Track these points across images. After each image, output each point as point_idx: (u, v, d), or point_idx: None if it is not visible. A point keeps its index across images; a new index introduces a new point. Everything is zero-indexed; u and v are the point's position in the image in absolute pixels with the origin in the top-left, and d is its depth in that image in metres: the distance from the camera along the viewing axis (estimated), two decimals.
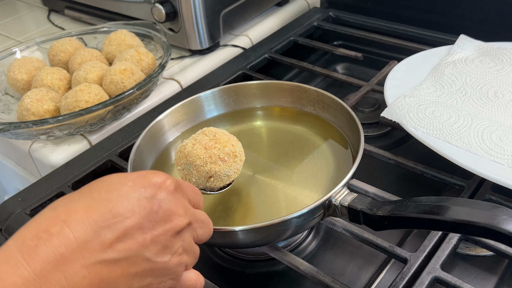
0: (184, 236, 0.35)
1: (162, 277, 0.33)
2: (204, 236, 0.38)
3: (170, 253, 0.33)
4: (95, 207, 0.31)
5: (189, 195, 0.37)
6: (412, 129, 0.59)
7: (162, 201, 0.33)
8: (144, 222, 0.32)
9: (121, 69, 0.74)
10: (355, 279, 0.53)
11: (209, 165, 0.47)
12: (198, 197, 0.39)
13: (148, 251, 0.32)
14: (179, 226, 0.34)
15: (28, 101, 0.71)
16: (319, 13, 0.99)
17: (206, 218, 0.39)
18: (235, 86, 0.66)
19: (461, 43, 0.75)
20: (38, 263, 0.28)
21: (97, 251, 0.30)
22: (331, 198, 0.46)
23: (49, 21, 1.14)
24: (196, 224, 0.37)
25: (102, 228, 0.30)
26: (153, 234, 0.32)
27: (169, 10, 0.86)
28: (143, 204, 0.32)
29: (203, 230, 0.38)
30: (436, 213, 0.40)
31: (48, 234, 0.29)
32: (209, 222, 0.39)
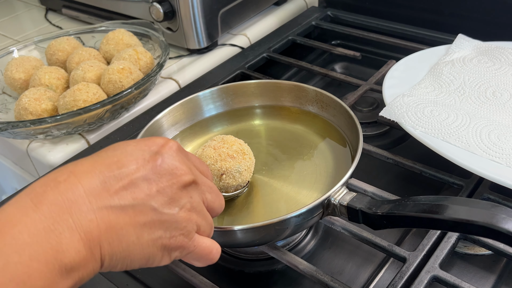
0: (191, 193, 0.35)
1: (172, 231, 0.34)
2: (215, 203, 0.39)
3: (178, 206, 0.34)
4: (101, 161, 0.33)
5: (195, 162, 0.38)
6: (411, 128, 0.59)
7: (166, 156, 0.34)
8: (149, 174, 0.33)
9: (119, 68, 0.74)
10: (354, 278, 0.53)
11: (219, 162, 0.50)
12: (204, 166, 0.40)
13: (154, 201, 0.33)
14: (184, 180, 0.35)
15: (25, 101, 0.71)
16: (317, 12, 0.99)
17: (215, 187, 0.39)
18: (233, 86, 0.66)
19: (459, 43, 0.76)
20: (46, 206, 0.29)
21: (103, 197, 0.31)
22: (330, 197, 0.46)
23: (47, 20, 1.14)
24: (204, 187, 0.37)
25: (108, 178, 0.32)
26: (159, 185, 0.33)
27: (167, 9, 0.85)
28: (147, 158, 0.34)
29: (213, 196, 0.38)
30: (435, 212, 0.40)
31: (56, 182, 0.31)
32: (219, 193, 0.40)
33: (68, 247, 0.29)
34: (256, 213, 0.51)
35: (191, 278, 0.49)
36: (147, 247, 0.33)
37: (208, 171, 0.41)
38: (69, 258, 0.29)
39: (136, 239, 0.32)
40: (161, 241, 0.33)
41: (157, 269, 0.55)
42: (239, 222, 0.50)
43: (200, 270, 0.51)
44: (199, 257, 0.37)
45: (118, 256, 0.32)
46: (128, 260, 0.32)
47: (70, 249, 0.29)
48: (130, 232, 0.32)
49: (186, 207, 0.35)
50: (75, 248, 0.29)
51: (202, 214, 0.37)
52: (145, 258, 0.33)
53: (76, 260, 0.29)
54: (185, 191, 0.35)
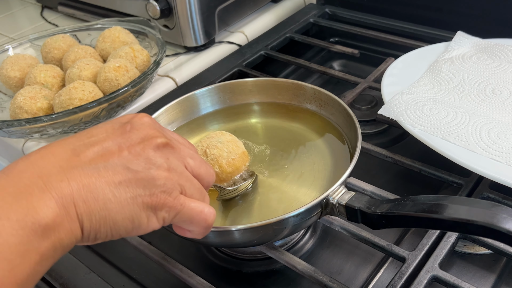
0: (167, 155, 0.35)
1: (151, 188, 0.33)
2: (201, 169, 0.38)
3: (153, 165, 0.34)
4: (72, 136, 0.35)
5: (170, 133, 0.38)
6: (410, 126, 0.59)
7: (135, 124, 0.35)
8: (119, 139, 0.34)
9: (115, 66, 0.73)
10: (353, 278, 0.52)
11: (201, 142, 0.53)
12: (183, 139, 0.40)
13: (127, 161, 0.33)
14: (156, 142, 0.35)
15: (21, 99, 0.70)
16: (315, 10, 0.98)
17: (199, 156, 0.39)
18: (231, 83, 0.65)
19: (459, 40, 0.75)
20: (16, 173, 0.30)
21: (73, 161, 0.32)
22: (328, 197, 0.46)
23: (42, 18, 1.13)
24: (183, 153, 0.37)
25: (78, 146, 0.33)
26: (130, 149, 0.34)
27: (164, 6, 0.85)
28: (117, 127, 0.35)
29: (196, 163, 0.37)
30: (435, 212, 0.39)
31: (28, 154, 0.32)
32: (204, 161, 0.39)
33: (39, 204, 0.29)
34: (253, 213, 0.51)
35: (188, 279, 0.49)
36: (126, 205, 0.32)
37: (188, 144, 0.40)
38: (42, 215, 0.29)
39: (112, 196, 0.32)
40: (141, 198, 0.33)
41: (154, 269, 0.55)
42: (236, 222, 0.50)
43: (198, 270, 0.51)
44: (190, 218, 0.36)
45: (97, 216, 0.31)
46: (110, 221, 0.32)
47: (42, 206, 0.29)
48: (105, 190, 0.31)
49: (163, 166, 0.34)
50: (46, 205, 0.29)
51: (185, 176, 0.36)
52: (128, 218, 0.32)
53: (49, 216, 0.29)
54: (160, 152, 0.35)
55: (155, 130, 0.36)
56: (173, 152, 0.36)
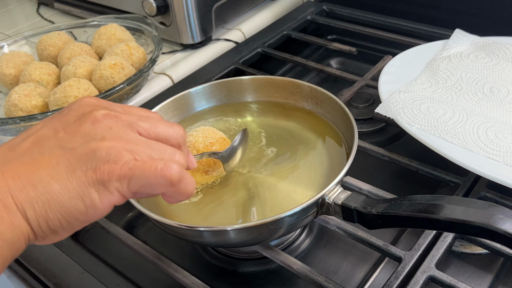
0: (109, 125, 0.33)
1: (94, 162, 0.31)
2: (158, 128, 0.35)
3: (93, 139, 0.32)
4: (14, 137, 0.34)
5: (115, 104, 0.36)
6: (407, 125, 0.59)
7: (72, 105, 0.34)
8: (54, 124, 0.33)
9: (111, 63, 0.72)
10: (349, 277, 0.52)
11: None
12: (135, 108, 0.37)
13: (63, 141, 0.32)
14: (93, 115, 0.33)
15: (15, 97, 0.70)
16: (312, 7, 0.98)
17: (154, 116, 0.36)
18: (227, 81, 0.65)
19: (457, 38, 0.75)
20: None
21: (8, 155, 0.31)
22: (324, 196, 0.46)
23: (39, 15, 1.12)
24: (132, 117, 0.34)
25: (15, 142, 0.33)
26: (66, 129, 0.33)
27: (160, 3, 0.84)
28: (55, 115, 0.34)
29: (151, 123, 0.35)
30: (431, 212, 0.39)
31: None
32: (162, 120, 0.36)
33: None
34: (249, 212, 0.50)
35: (183, 279, 0.48)
36: (70, 184, 0.31)
37: (142, 111, 0.37)
38: None
39: (52, 179, 0.30)
40: (84, 174, 0.31)
41: (149, 269, 0.54)
42: (231, 221, 0.49)
43: (192, 269, 0.50)
44: (146, 179, 0.32)
45: (39, 202, 0.30)
46: (56, 204, 0.30)
47: None
48: (42, 174, 0.30)
49: (107, 138, 0.32)
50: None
51: (136, 141, 0.33)
52: (75, 197, 0.31)
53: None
54: (99, 124, 0.33)
55: (93, 106, 0.34)
56: (117, 121, 0.34)
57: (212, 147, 0.53)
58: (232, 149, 0.53)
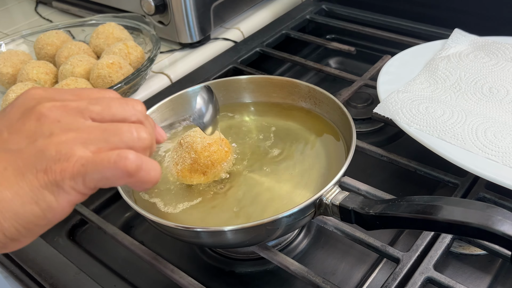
0: (57, 118, 0.30)
1: (43, 163, 0.29)
2: (112, 109, 0.32)
3: (39, 136, 0.30)
4: None
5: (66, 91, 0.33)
6: (405, 125, 0.58)
7: (16, 101, 0.32)
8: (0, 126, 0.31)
9: (108, 63, 0.72)
10: (347, 278, 0.52)
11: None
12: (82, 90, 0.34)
13: (7, 143, 0.30)
14: (36, 110, 0.30)
15: (13, 96, 0.69)
16: (311, 6, 0.98)
17: (108, 96, 0.34)
18: (224, 81, 0.64)
19: (456, 37, 0.74)
20: None
21: None
22: (322, 197, 0.45)
23: (37, 13, 1.12)
24: (82, 103, 0.31)
25: None
26: (8, 127, 0.30)
27: (159, 2, 0.84)
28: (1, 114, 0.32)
29: (102, 105, 0.32)
30: (429, 213, 0.39)
31: None
32: (116, 99, 0.33)
33: None
34: (246, 213, 0.50)
35: (180, 279, 0.48)
36: (21, 189, 0.29)
37: (94, 91, 0.34)
38: None
39: (0, 186, 0.28)
40: (35, 177, 0.29)
41: (146, 269, 0.54)
42: (228, 222, 0.49)
43: (189, 270, 0.50)
44: (102, 175, 0.30)
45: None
46: (9, 212, 0.28)
47: None
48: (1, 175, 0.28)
49: (55, 133, 0.30)
50: None
51: (88, 129, 0.31)
52: (29, 202, 0.29)
53: None
54: (45, 119, 0.30)
55: (38, 99, 0.31)
56: (65, 111, 0.31)
57: (210, 147, 0.52)
58: (200, 110, 0.49)
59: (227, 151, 0.54)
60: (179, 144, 0.53)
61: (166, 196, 0.53)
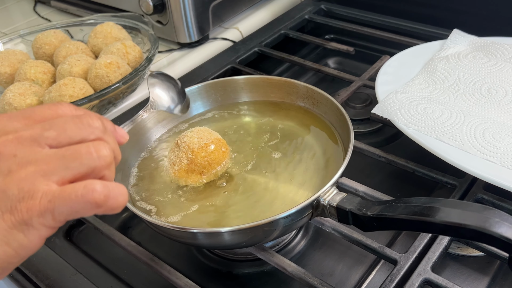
0: (12, 152, 0.29)
1: (6, 203, 0.28)
2: (67, 131, 0.30)
3: (0, 175, 0.28)
4: None
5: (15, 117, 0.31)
6: (404, 126, 0.58)
7: None
8: None
9: (106, 62, 0.72)
10: (344, 279, 0.52)
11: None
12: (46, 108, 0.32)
13: None
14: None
15: (10, 95, 0.69)
16: (310, 6, 0.97)
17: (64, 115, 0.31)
18: (222, 81, 0.64)
19: (455, 38, 0.74)
20: None
21: None
22: (319, 198, 0.45)
23: (35, 13, 1.12)
24: (34, 133, 0.30)
25: None
26: None
27: (157, 2, 0.83)
28: None
29: (58, 129, 0.30)
30: (426, 215, 0.39)
31: None
32: (71, 118, 0.31)
33: None
34: (243, 214, 0.50)
35: (176, 280, 0.48)
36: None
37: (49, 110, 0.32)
38: None
39: None
40: (2, 219, 0.28)
41: (142, 270, 0.54)
42: (226, 223, 0.49)
43: (187, 271, 0.50)
44: (72, 209, 0.29)
45: None
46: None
47: None
48: None
49: (13, 169, 0.28)
50: None
51: (48, 159, 0.29)
52: (1, 244, 0.28)
53: None
54: (0, 155, 0.29)
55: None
56: (19, 143, 0.29)
57: (208, 148, 0.52)
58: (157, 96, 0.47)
59: (224, 151, 0.54)
60: (176, 144, 0.53)
61: (165, 195, 0.53)
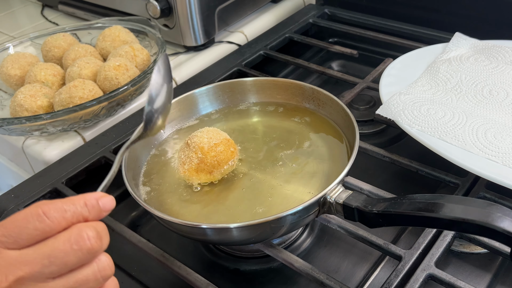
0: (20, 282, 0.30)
1: None
2: (64, 259, 0.32)
3: None
4: None
5: (9, 238, 0.32)
6: (407, 126, 0.59)
7: None
8: None
9: (115, 65, 0.73)
10: (350, 276, 0.53)
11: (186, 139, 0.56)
12: (25, 231, 0.32)
13: None
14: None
15: (21, 97, 0.71)
16: (314, 10, 0.99)
17: (51, 252, 0.32)
18: (230, 83, 0.65)
19: (456, 41, 0.75)
20: None
21: None
22: (326, 195, 0.46)
23: (43, 17, 1.13)
24: (32, 268, 0.31)
25: None
26: None
27: (164, 6, 0.85)
28: None
29: (57, 262, 0.32)
30: (431, 211, 0.40)
31: None
32: (60, 252, 0.32)
33: None
34: (251, 211, 0.51)
35: (187, 276, 0.49)
36: None
37: (38, 234, 0.32)
38: None
39: None
40: None
41: (152, 266, 0.55)
42: (234, 220, 0.50)
43: (195, 268, 0.51)
44: None
45: None
46: None
47: None
48: None
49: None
50: None
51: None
52: None
53: None
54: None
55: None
56: (21, 284, 0.31)
57: (217, 148, 0.53)
58: (152, 116, 0.46)
59: (233, 151, 0.55)
60: (186, 144, 0.54)
61: (174, 192, 0.54)
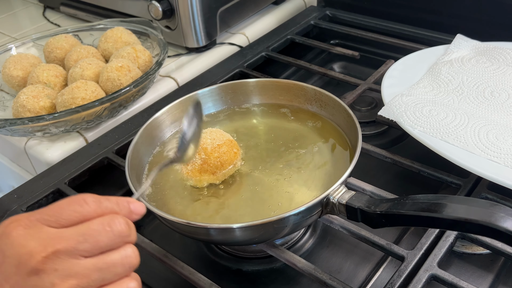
0: (54, 267, 0.31)
1: None
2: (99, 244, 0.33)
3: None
4: None
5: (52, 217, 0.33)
6: (409, 127, 0.60)
7: (5, 249, 0.31)
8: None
9: (117, 66, 0.74)
10: (352, 276, 0.53)
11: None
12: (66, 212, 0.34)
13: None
14: (32, 264, 0.30)
15: (23, 98, 0.71)
16: (316, 12, 0.99)
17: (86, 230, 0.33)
18: (232, 84, 0.66)
19: (458, 43, 0.76)
20: None
21: None
22: (329, 196, 0.46)
23: (45, 18, 1.14)
24: (68, 243, 0.32)
25: None
26: (8, 280, 0.31)
27: (166, 7, 0.85)
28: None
29: (91, 241, 0.32)
30: (434, 211, 0.40)
31: None
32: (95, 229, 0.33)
33: None
34: (254, 211, 0.51)
35: (190, 276, 0.49)
36: None
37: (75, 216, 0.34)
38: None
39: None
40: None
41: (155, 266, 0.55)
42: (237, 220, 0.50)
43: (198, 268, 0.51)
44: None
45: None
46: None
47: None
48: None
49: (56, 283, 0.31)
50: None
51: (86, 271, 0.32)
52: None
53: None
54: (43, 273, 0.31)
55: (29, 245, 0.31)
56: (58, 258, 0.31)
57: (220, 149, 0.54)
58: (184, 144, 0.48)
59: (236, 152, 0.55)
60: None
61: (177, 193, 0.54)
